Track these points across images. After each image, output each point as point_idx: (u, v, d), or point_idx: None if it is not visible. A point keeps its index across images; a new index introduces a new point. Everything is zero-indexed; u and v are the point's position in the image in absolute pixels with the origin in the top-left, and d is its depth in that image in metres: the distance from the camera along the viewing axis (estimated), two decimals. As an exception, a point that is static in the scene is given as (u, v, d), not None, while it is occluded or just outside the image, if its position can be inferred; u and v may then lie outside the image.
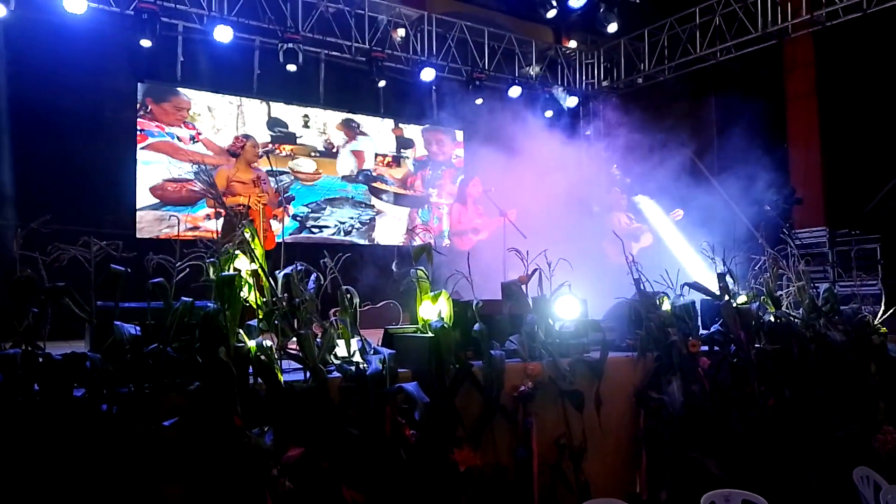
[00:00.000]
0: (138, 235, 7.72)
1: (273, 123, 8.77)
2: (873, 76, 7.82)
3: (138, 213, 7.76)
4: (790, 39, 8.62)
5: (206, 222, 7.43)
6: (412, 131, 10.09)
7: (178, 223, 8.01)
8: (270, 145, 8.58)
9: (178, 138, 8.09)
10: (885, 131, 7.68)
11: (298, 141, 8.94)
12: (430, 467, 2.66)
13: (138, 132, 7.88)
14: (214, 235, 5.55)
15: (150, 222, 7.83)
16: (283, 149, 8.81)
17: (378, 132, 9.57)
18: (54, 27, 7.13)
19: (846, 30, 8.02)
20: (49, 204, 6.70)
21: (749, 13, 8.65)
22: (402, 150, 9.74)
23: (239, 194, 5.63)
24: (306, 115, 8.98)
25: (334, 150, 9.19)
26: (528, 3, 8.92)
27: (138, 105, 7.90)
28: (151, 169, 7.91)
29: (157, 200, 7.87)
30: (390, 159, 9.64)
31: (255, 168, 5.77)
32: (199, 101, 8.32)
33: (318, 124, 9.11)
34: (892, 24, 7.52)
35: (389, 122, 9.68)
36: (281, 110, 8.84)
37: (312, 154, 9.03)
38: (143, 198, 7.83)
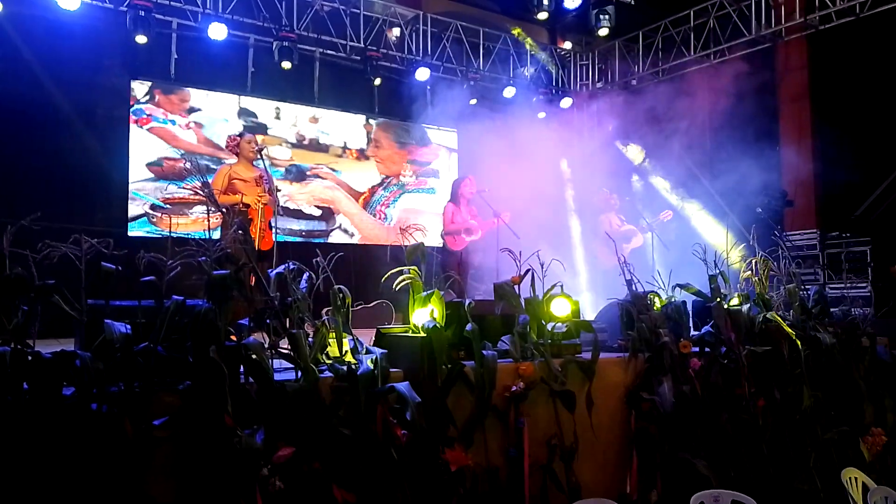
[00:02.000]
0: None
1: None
2: (866, 80, 7.87)
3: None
4: (784, 43, 8.66)
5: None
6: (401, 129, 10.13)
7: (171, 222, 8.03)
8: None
9: (176, 124, 8.30)
10: (876, 135, 7.73)
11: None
12: (421, 467, 2.67)
13: (143, 116, 8.09)
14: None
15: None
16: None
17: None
18: (48, 23, 7.09)
19: (839, 34, 8.06)
20: (40, 201, 6.76)
21: (743, 16, 8.69)
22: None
23: (240, 192, 5.58)
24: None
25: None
26: (523, 4, 8.92)
27: (144, 95, 8.08)
28: (150, 149, 8.12)
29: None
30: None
31: (257, 166, 5.72)
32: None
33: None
34: (884, 29, 7.56)
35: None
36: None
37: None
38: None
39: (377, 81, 9.06)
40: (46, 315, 2.36)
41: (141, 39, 7.39)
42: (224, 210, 4.12)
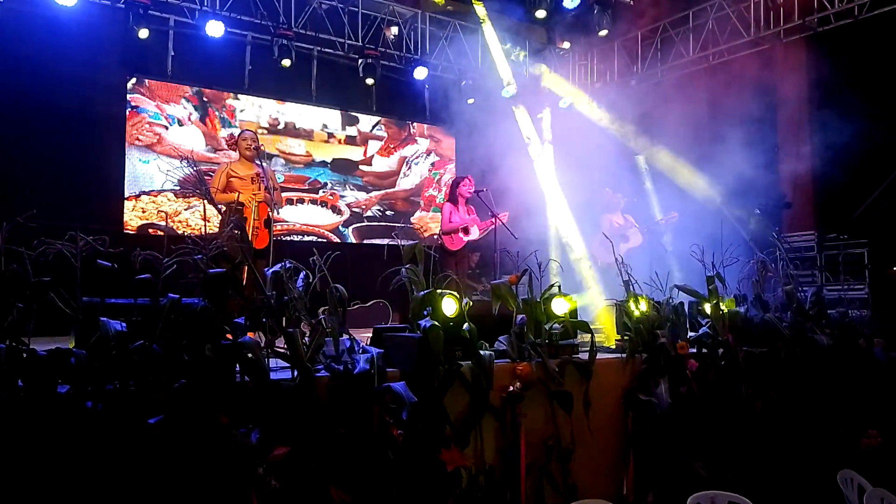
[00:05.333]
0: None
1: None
2: (864, 82, 7.87)
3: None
4: (782, 45, 8.66)
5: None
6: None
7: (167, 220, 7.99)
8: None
9: (178, 121, 8.27)
10: (875, 137, 7.72)
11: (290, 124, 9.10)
12: (417, 467, 2.66)
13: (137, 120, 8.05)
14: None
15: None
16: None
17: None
18: (44, 20, 7.06)
19: (838, 36, 8.06)
20: (36, 198, 6.73)
21: (742, 18, 8.68)
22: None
23: (237, 190, 5.54)
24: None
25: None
26: (522, 3, 8.92)
27: (132, 85, 8.04)
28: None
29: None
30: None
31: (256, 165, 5.67)
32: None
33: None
34: (882, 31, 7.56)
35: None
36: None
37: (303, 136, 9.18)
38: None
39: (370, 80, 9.01)
40: (42, 313, 2.35)
41: (143, 33, 7.35)
42: (220, 208, 4.11)
